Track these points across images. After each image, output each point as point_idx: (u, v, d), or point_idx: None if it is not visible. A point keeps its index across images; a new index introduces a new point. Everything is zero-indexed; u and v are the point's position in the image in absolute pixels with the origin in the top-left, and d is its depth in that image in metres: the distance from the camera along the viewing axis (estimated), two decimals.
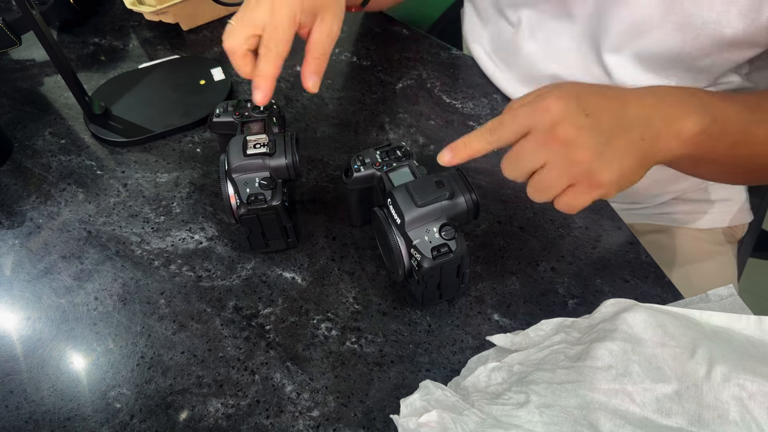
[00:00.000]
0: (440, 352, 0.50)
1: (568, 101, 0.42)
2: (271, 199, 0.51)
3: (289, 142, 0.52)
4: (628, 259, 0.55)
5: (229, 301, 0.54)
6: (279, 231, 0.54)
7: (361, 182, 0.52)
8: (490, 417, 0.40)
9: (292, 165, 0.52)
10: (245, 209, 0.51)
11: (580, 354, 0.42)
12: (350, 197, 0.55)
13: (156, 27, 0.83)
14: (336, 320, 0.52)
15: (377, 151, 0.53)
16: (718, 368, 0.37)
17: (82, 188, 0.64)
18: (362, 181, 0.52)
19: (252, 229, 0.53)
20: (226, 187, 0.52)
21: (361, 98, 0.72)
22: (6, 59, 0.80)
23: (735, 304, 0.44)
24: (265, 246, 0.55)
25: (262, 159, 0.51)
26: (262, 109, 0.56)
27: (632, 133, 0.43)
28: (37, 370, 0.50)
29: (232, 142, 0.52)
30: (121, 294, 0.55)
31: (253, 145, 0.52)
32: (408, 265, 0.48)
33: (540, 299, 0.53)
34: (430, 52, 0.78)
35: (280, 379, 0.49)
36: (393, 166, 0.51)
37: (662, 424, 0.37)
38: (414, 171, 0.51)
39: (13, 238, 0.60)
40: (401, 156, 0.52)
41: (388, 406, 0.47)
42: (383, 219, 0.48)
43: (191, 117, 0.69)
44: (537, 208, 0.60)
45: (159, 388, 0.49)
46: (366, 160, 0.52)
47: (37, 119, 0.71)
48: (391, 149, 0.53)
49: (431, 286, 0.49)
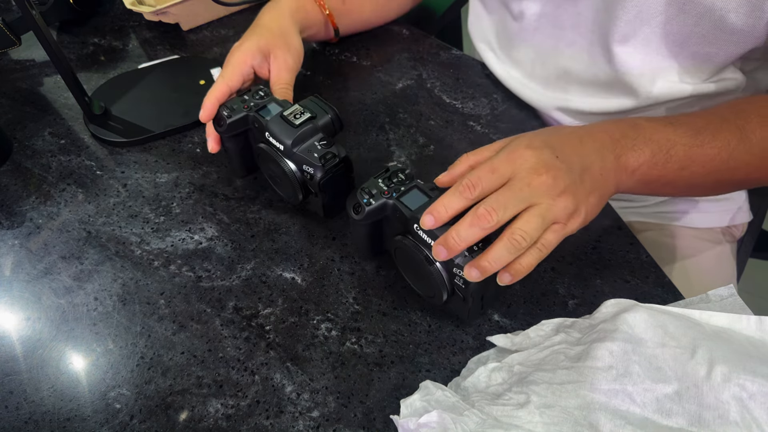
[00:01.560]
0: (440, 352, 0.50)
1: (540, 149, 0.45)
2: (339, 153, 0.53)
3: (318, 101, 0.56)
4: (628, 259, 0.55)
5: (228, 302, 0.54)
6: (347, 187, 0.56)
7: (373, 215, 0.50)
8: (491, 417, 0.40)
9: (336, 117, 0.56)
10: (322, 172, 0.52)
11: (581, 354, 0.42)
12: (359, 232, 0.53)
13: (156, 27, 0.83)
14: (336, 320, 0.52)
15: (378, 180, 0.50)
16: (718, 368, 0.37)
17: (82, 188, 0.64)
18: (375, 213, 0.50)
19: (329, 192, 0.55)
20: (288, 165, 0.54)
21: (361, 98, 0.72)
22: (6, 59, 0.80)
23: (735, 305, 0.44)
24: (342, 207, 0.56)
25: (312, 123, 0.54)
26: (262, 95, 0.58)
27: (593, 169, 0.46)
28: (37, 371, 0.50)
29: (271, 124, 0.54)
30: (120, 294, 0.55)
31: (294, 116, 0.54)
32: (450, 285, 0.47)
33: (540, 299, 0.53)
34: (430, 52, 0.78)
35: (280, 380, 0.49)
36: (401, 191, 0.49)
37: (663, 425, 0.37)
38: (423, 190, 0.49)
39: (12, 239, 0.60)
40: (404, 179, 0.50)
41: (388, 406, 0.47)
42: (413, 246, 0.47)
43: (191, 117, 0.69)
44: None
45: (159, 388, 0.49)
46: (372, 191, 0.50)
47: (37, 119, 0.71)
48: (392, 173, 0.51)
49: (477, 300, 0.47)
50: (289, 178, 0.54)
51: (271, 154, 0.54)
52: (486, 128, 0.68)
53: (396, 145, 0.66)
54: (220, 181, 0.64)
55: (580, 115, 0.67)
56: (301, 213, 0.60)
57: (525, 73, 0.70)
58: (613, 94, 0.63)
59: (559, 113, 0.69)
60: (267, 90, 0.59)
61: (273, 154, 0.54)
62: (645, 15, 0.56)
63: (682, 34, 0.56)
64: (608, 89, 0.64)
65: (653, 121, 0.50)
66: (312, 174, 0.53)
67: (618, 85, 0.62)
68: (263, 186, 0.63)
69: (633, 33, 0.58)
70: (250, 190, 0.63)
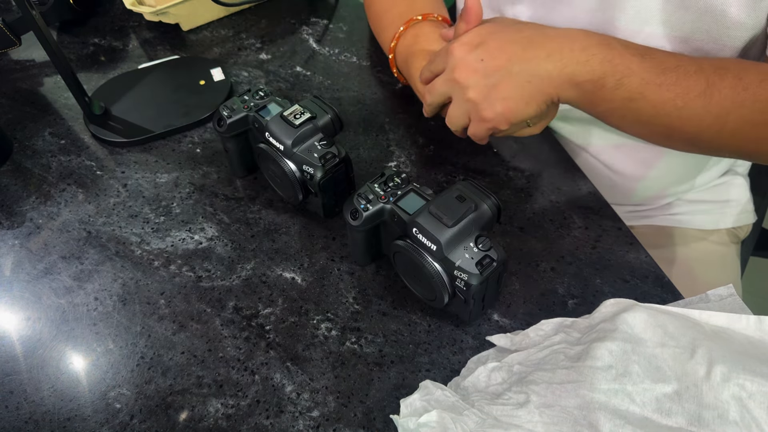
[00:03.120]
0: (440, 352, 0.50)
1: (469, 47, 0.52)
2: (339, 153, 0.54)
3: (318, 101, 0.56)
4: (628, 259, 0.55)
5: (229, 302, 0.54)
6: (347, 187, 0.56)
7: (371, 221, 0.50)
8: (490, 417, 0.40)
9: (336, 117, 0.56)
10: (322, 172, 0.52)
11: (580, 354, 0.42)
12: (356, 238, 0.52)
13: (156, 27, 0.83)
14: (336, 320, 0.52)
15: (375, 184, 0.50)
16: (717, 368, 0.37)
17: (82, 188, 0.64)
18: (372, 219, 0.50)
19: (329, 192, 0.55)
20: (288, 165, 0.54)
21: (361, 98, 0.72)
22: (6, 59, 0.80)
23: (735, 304, 0.44)
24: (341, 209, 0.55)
25: (312, 123, 0.54)
26: (262, 95, 0.58)
27: (519, 77, 0.50)
28: (37, 371, 0.50)
29: (271, 124, 0.54)
30: (121, 294, 0.55)
31: (294, 116, 0.54)
32: (451, 288, 0.47)
33: (540, 299, 0.53)
34: None
35: (280, 380, 0.49)
36: (398, 195, 0.49)
37: (662, 424, 0.37)
38: (420, 193, 0.49)
39: (13, 239, 0.60)
40: (401, 183, 0.50)
41: (388, 406, 0.47)
42: (413, 249, 0.47)
43: (191, 117, 0.69)
44: (537, 208, 0.60)
45: (159, 388, 0.49)
46: (369, 196, 0.50)
47: (37, 119, 0.71)
48: (388, 177, 0.50)
49: (478, 302, 0.47)
50: (289, 178, 0.54)
51: (271, 154, 0.55)
52: None
53: (396, 145, 0.66)
54: (220, 181, 0.64)
55: (579, 122, 0.67)
56: (301, 213, 0.60)
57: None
58: None
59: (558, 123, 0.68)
60: (267, 90, 0.59)
61: (273, 154, 0.54)
62: (644, 14, 0.56)
63: (684, 31, 0.55)
64: None
65: (626, 46, 0.50)
66: (312, 174, 0.53)
67: None
68: (263, 186, 0.63)
69: (634, 33, 0.57)
70: (250, 190, 0.63)
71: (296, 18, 0.84)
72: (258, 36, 0.82)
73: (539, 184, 0.62)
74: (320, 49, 0.79)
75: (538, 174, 0.63)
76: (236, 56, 0.79)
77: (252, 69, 0.77)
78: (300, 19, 0.84)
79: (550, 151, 0.65)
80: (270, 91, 0.59)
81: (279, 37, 0.81)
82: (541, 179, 0.62)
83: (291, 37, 0.81)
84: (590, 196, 0.61)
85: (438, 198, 0.47)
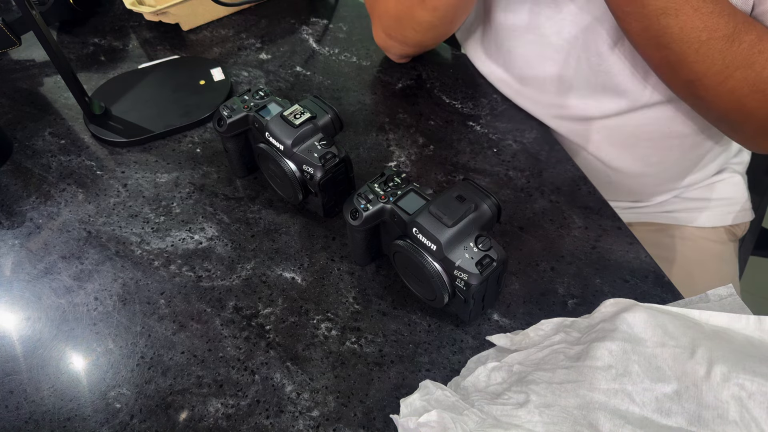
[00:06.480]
0: (440, 352, 0.50)
1: None
2: (339, 153, 0.53)
3: (318, 101, 0.56)
4: (628, 259, 0.55)
5: (229, 301, 0.54)
6: (347, 187, 0.56)
7: (371, 221, 0.50)
8: (490, 417, 0.40)
9: (336, 117, 0.55)
10: (322, 172, 0.52)
11: (580, 354, 0.42)
12: (356, 238, 0.52)
13: (156, 27, 0.83)
14: (336, 320, 0.52)
15: (374, 184, 0.50)
16: (717, 368, 0.37)
17: (82, 188, 0.64)
18: (372, 219, 0.50)
19: (329, 192, 0.55)
20: (288, 165, 0.54)
21: (361, 98, 0.72)
22: (6, 59, 0.80)
23: (734, 304, 0.44)
24: (341, 209, 0.55)
25: (312, 123, 0.54)
26: (262, 95, 0.58)
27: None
28: (37, 371, 0.50)
29: (271, 124, 0.54)
30: (121, 294, 0.55)
31: (294, 116, 0.54)
32: (451, 287, 0.47)
33: (540, 299, 0.53)
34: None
35: (280, 379, 0.49)
36: (398, 195, 0.49)
37: (662, 424, 0.37)
38: (420, 193, 0.49)
39: (13, 239, 0.60)
40: (401, 182, 0.50)
41: (388, 406, 0.47)
42: (412, 249, 0.47)
43: (191, 117, 0.69)
44: (537, 208, 0.60)
45: (159, 388, 0.49)
46: (369, 196, 0.49)
47: (37, 119, 0.71)
48: (388, 177, 0.50)
49: (478, 302, 0.47)
50: (289, 178, 0.54)
51: (271, 154, 0.55)
52: (485, 128, 0.68)
53: (396, 145, 0.66)
54: (220, 181, 0.64)
55: (577, 121, 0.67)
56: (301, 213, 0.60)
57: (517, 80, 0.70)
58: (606, 96, 0.63)
59: (556, 121, 0.68)
60: (267, 90, 0.59)
61: (273, 154, 0.55)
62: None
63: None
64: (601, 92, 0.63)
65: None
66: (312, 174, 0.53)
67: (609, 88, 0.62)
68: (263, 186, 0.63)
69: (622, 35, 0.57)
70: (250, 190, 0.63)
71: (296, 18, 0.84)
72: (258, 36, 0.82)
73: (539, 184, 0.62)
74: (320, 49, 0.79)
75: (538, 174, 0.63)
76: (236, 56, 0.79)
77: (252, 69, 0.77)
78: (300, 19, 0.84)
79: (550, 151, 0.65)
80: (270, 91, 0.59)
81: (279, 37, 0.81)
82: (541, 179, 0.62)
83: (291, 37, 0.81)
84: (590, 196, 0.61)
85: (438, 198, 0.47)
